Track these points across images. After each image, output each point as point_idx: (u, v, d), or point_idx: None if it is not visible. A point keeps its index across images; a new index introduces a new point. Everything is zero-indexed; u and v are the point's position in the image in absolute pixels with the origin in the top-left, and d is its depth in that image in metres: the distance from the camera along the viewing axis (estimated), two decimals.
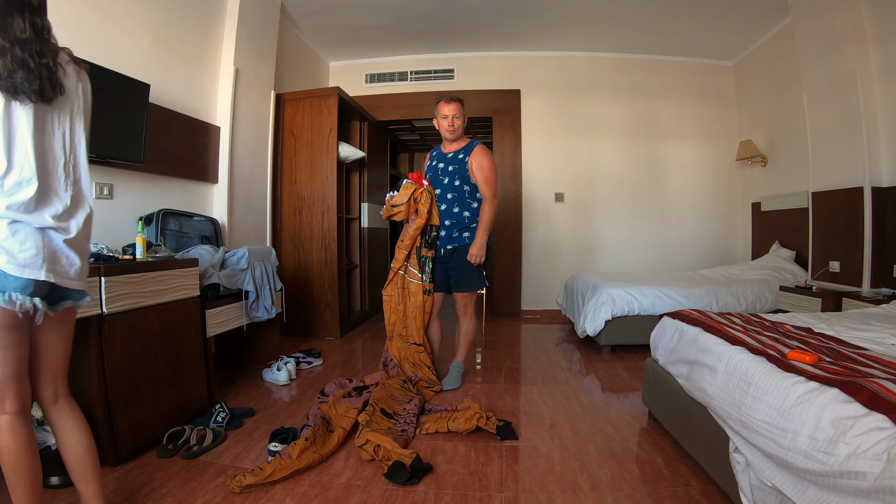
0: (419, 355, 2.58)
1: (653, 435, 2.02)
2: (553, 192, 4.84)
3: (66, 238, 1.10)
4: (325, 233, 3.72)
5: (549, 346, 3.65)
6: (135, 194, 2.43)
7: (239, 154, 3.23)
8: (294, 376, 2.74)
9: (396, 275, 2.61)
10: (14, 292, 1.02)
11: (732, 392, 1.37)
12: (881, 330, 1.73)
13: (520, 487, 1.62)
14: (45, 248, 1.05)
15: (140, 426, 1.80)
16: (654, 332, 2.14)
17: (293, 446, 1.72)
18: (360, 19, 4.08)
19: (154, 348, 1.88)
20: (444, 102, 2.57)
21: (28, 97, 1.04)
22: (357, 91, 4.85)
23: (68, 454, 1.21)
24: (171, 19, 2.69)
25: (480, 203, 2.57)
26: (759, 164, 4.40)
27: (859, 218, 3.01)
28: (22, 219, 1.03)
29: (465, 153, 2.57)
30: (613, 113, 4.81)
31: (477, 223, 2.57)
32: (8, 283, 1.01)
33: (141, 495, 1.53)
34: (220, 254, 2.43)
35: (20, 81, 1.02)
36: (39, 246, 1.05)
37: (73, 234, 1.12)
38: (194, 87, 2.89)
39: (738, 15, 3.88)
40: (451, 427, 2.01)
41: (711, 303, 3.30)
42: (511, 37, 4.51)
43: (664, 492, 1.57)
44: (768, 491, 1.20)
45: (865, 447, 0.92)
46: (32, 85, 1.03)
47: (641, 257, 4.84)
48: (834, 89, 3.18)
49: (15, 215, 1.02)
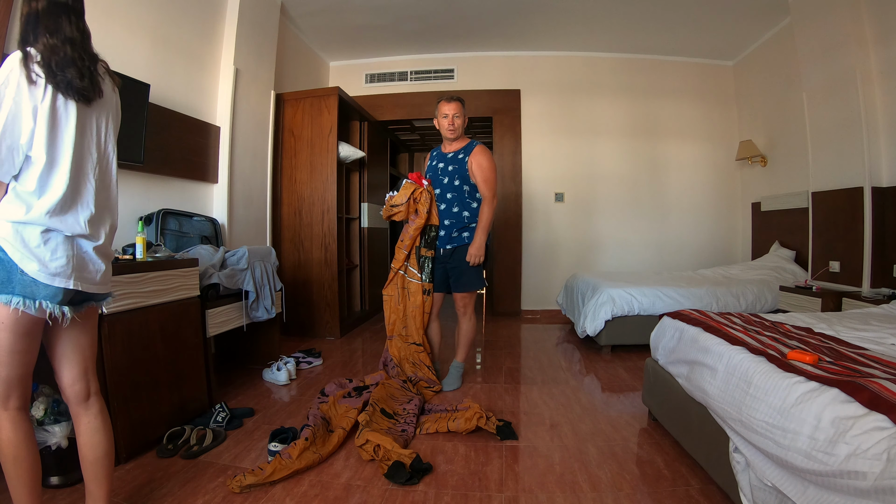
0: (419, 355, 2.58)
1: (653, 435, 2.02)
2: (553, 192, 4.84)
3: (96, 245, 1.15)
4: (324, 233, 3.72)
5: (549, 346, 3.65)
6: (135, 194, 2.43)
7: (239, 154, 3.23)
8: (294, 376, 2.74)
9: (396, 275, 2.61)
10: (45, 300, 1.05)
11: (732, 392, 1.37)
12: (881, 330, 1.73)
13: (520, 487, 1.62)
14: (74, 257, 1.09)
15: (140, 426, 1.80)
16: (654, 332, 2.14)
17: (293, 446, 1.72)
18: (360, 19, 4.08)
19: (154, 348, 1.88)
20: (444, 102, 2.57)
21: (74, 95, 1.07)
22: (357, 91, 4.85)
23: (88, 453, 1.22)
24: (171, 19, 2.69)
25: (480, 203, 2.57)
26: (759, 164, 4.40)
27: (859, 218, 3.01)
28: (55, 227, 1.06)
29: (465, 153, 2.57)
30: (613, 113, 4.81)
31: (476, 223, 2.57)
32: (38, 291, 1.04)
33: (141, 495, 1.53)
34: (220, 254, 2.43)
35: (71, 78, 1.05)
36: (70, 255, 1.08)
37: (101, 241, 1.17)
38: (194, 87, 2.89)
39: (738, 15, 3.88)
40: (451, 427, 2.01)
41: (711, 303, 3.30)
42: (511, 37, 4.51)
43: (664, 492, 1.57)
44: (768, 491, 1.20)
45: (865, 447, 0.92)
46: (82, 82, 1.08)
47: (641, 257, 4.84)
48: (834, 89, 3.18)
49: (49, 222, 1.05)
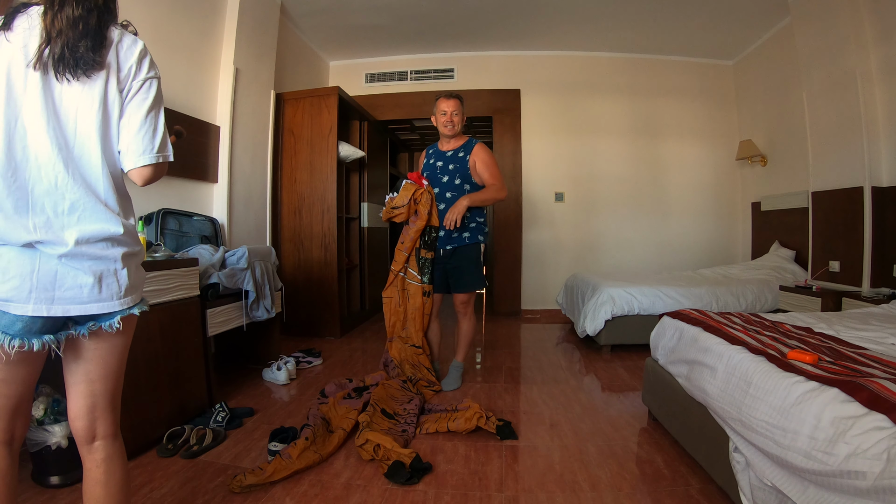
0: (418, 357, 2.58)
1: (653, 434, 2.02)
2: (553, 192, 4.84)
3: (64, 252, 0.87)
4: (324, 232, 3.72)
5: (549, 346, 3.65)
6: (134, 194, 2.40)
7: (239, 154, 3.23)
8: (294, 376, 2.74)
9: (396, 277, 2.61)
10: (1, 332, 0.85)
11: (732, 392, 1.37)
12: (881, 330, 1.73)
13: (520, 487, 1.62)
14: (35, 274, 0.86)
15: (140, 425, 1.80)
16: (654, 332, 2.14)
17: (293, 446, 1.72)
18: (360, 19, 4.08)
19: (154, 348, 1.88)
20: (443, 98, 2.57)
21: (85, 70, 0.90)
22: (357, 90, 4.85)
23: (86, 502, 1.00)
24: (171, 19, 2.69)
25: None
26: (759, 163, 4.40)
27: (859, 218, 3.01)
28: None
29: (465, 151, 2.56)
30: (613, 112, 4.81)
31: (475, 222, 2.56)
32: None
33: (141, 495, 1.53)
34: (220, 253, 2.43)
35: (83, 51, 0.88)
36: (26, 272, 0.85)
37: (71, 247, 0.88)
38: (194, 86, 2.89)
39: (738, 15, 3.87)
40: (451, 427, 2.01)
41: (711, 302, 3.30)
42: (511, 36, 4.50)
43: (664, 491, 1.57)
44: (768, 490, 1.20)
45: (865, 447, 0.92)
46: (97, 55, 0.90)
47: (641, 257, 4.84)
48: (834, 89, 3.18)
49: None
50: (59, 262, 0.88)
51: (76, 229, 0.88)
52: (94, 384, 0.98)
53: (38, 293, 0.86)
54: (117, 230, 0.92)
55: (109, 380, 1.00)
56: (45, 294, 0.86)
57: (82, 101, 0.91)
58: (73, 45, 0.87)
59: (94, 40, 0.89)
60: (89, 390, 0.97)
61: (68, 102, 0.90)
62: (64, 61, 0.87)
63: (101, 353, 0.97)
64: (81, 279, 0.89)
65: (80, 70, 0.89)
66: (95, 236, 0.90)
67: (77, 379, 0.97)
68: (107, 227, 0.91)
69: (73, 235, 0.88)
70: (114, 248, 0.93)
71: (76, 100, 0.90)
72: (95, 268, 0.91)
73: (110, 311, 0.93)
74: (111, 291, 0.93)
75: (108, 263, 0.92)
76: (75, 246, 0.88)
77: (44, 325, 0.88)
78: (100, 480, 0.99)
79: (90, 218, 0.90)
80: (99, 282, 0.91)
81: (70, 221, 0.88)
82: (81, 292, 0.89)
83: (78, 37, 0.87)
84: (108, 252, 0.92)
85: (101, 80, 0.92)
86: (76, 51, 0.87)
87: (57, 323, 0.91)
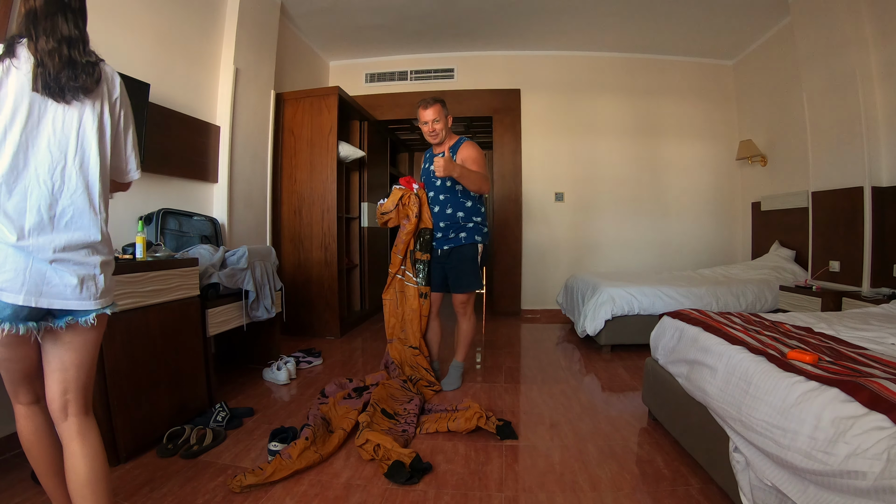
0: (416, 359, 2.58)
1: (653, 435, 2.02)
2: (553, 192, 4.84)
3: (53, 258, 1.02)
4: (324, 232, 3.72)
5: (549, 346, 3.65)
6: (134, 194, 2.42)
7: (239, 153, 3.23)
8: (294, 376, 2.74)
9: (394, 279, 2.61)
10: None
11: (732, 391, 1.37)
12: (881, 330, 1.73)
13: (520, 487, 1.62)
14: (28, 270, 0.99)
15: (140, 425, 1.80)
16: (654, 332, 2.14)
17: (293, 446, 1.72)
18: (360, 19, 4.08)
19: (154, 348, 1.88)
20: (422, 108, 2.49)
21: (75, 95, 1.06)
22: (357, 90, 4.85)
23: (69, 476, 1.11)
24: (172, 19, 2.69)
25: (473, 202, 2.55)
26: (759, 163, 4.40)
27: (859, 218, 3.01)
28: None
29: (453, 151, 2.56)
30: (613, 112, 4.81)
31: (472, 222, 2.55)
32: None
33: (141, 495, 1.53)
34: (220, 253, 2.43)
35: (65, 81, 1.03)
36: (21, 268, 0.99)
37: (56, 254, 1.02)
38: (194, 86, 2.89)
39: (738, 15, 3.87)
40: (451, 427, 2.01)
41: (711, 302, 3.30)
42: (511, 36, 4.50)
43: (664, 491, 1.57)
44: (768, 490, 1.20)
45: (865, 447, 0.92)
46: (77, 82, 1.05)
47: (641, 257, 4.84)
48: (834, 89, 3.18)
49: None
50: (49, 266, 1.02)
51: (64, 235, 1.04)
52: (68, 371, 1.12)
53: (28, 287, 1.00)
54: (96, 237, 1.09)
55: (82, 368, 1.14)
56: (35, 288, 1.01)
57: (80, 120, 1.08)
58: (55, 76, 1.02)
59: (72, 69, 1.04)
60: (63, 377, 1.12)
61: (68, 122, 1.07)
62: (49, 89, 1.02)
63: (76, 346, 1.12)
64: (67, 279, 1.04)
65: (70, 94, 1.05)
66: (78, 243, 1.06)
67: (53, 367, 1.11)
68: (88, 234, 1.08)
69: (61, 241, 1.04)
70: (93, 257, 1.09)
71: (74, 119, 1.07)
72: (80, 272, 1.06)
73: (87, 308, 1.08)
74: (90, 293, 1.08)
75: (89, 269, 1.09)
76: (62, 252, 1.03)
77: (29, 313, 1.02)
78: (76, 452, 1.11)
79: (76, 224, 1.06)
80: (81, 283, 1.06)
81: (59, 225, 1.04)
82: (66, 290, 1.04)
83: (58, 68, 1.03)
84: (88, 259, 1.08)
85: (97, 103, 1.11)
86: (59, 80, 1.03)
87: (40, 313, 1.05)
